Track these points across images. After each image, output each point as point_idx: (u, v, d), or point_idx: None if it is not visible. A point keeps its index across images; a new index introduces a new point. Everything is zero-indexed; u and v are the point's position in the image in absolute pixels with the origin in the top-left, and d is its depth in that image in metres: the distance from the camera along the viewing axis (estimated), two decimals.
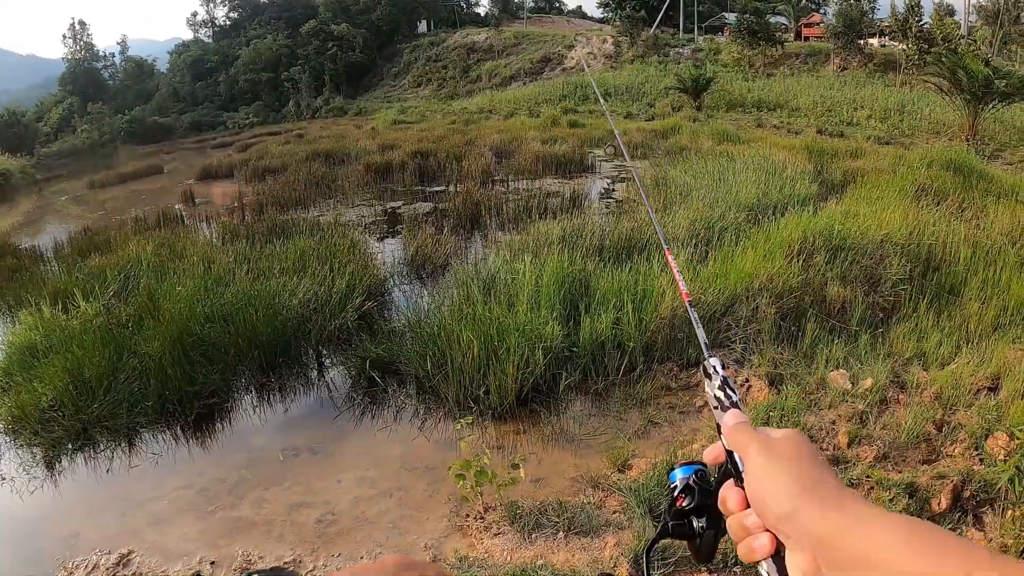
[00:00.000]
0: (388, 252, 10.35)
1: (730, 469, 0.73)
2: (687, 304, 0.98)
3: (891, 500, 3.69)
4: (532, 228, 9.54)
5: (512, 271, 6.97)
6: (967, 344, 6.09)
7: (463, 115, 36.84)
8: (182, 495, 4.90)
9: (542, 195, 13.56)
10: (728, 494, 0.71)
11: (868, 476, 3.92)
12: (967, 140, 19.85)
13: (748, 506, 0.68)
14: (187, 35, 79.07)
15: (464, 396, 5.43)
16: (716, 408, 0.80)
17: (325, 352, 7.00)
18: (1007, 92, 19.46)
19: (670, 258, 1.13)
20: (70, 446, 5.49)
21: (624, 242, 8.63)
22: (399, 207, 14.93)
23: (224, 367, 6.26)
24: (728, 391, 0.80)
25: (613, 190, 15.91)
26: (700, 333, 0.92)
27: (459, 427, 4.27)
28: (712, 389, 0.81)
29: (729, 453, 0.73)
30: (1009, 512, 3.76)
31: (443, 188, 16.48)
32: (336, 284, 7.54)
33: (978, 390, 5.26)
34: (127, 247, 10.23)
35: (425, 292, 8.48)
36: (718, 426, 0.77)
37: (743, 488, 0.69)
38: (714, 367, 0.83)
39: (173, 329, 6.30)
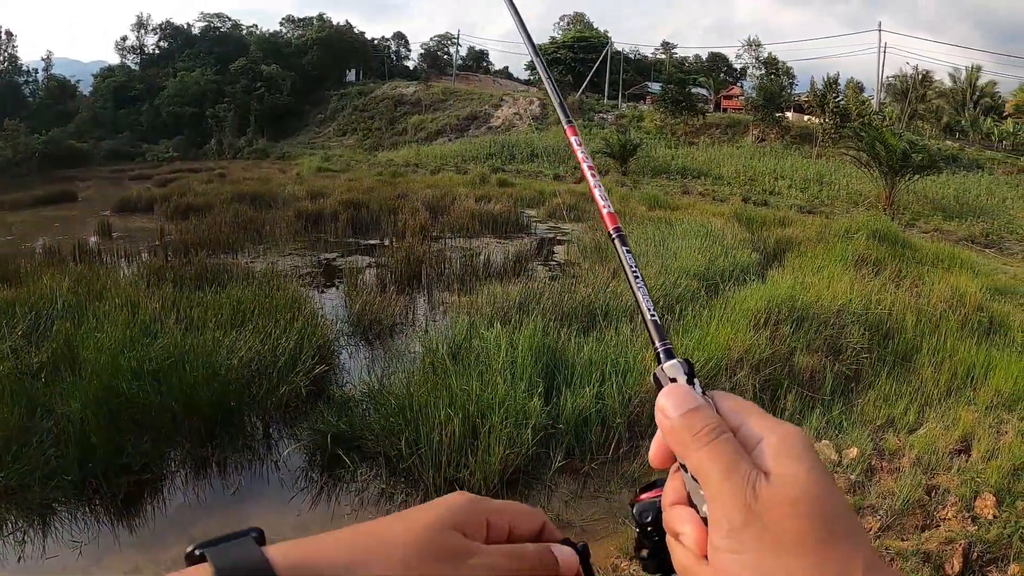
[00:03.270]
0: (330, 309, 10.03)
1: (683, 489, 0.51)
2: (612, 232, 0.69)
3: (913, 571, 3.85)
4: (484, 289, 9.56)
5: (482, 339, 6.89)
6: (928, 408, 6.53)
7: (389, 167, 37.31)
8: None
9: (483, 254, 13.73)
10: (680, 523, 0.49)
11: (887, 548, 4.07)
12: (884, 210, 21.81)
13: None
14: (114, 59, 77.27)
15: (443, 479, 5.23)
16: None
17: (273, 422, 6.58)
18: (922, 165, 21.67)
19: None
20: None
21: (585, 308, 8.76)
22: (334, 259, 14.77)
23: (157, 435, 5.70)
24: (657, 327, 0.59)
25: (554, 251, 16.25)
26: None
27: None
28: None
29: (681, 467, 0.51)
30: (1011, 567, 4.04)
31: (378, 241, 16.57)
32: (282, 343, 7.16)
33: (951, 452, 5.62)
34: (39, 281, 9.45)
35: (378, 357, 8.23)
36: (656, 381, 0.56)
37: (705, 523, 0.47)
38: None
39: (96, 386, 5.73)
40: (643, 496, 0.58)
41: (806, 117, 40.87)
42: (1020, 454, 5.27)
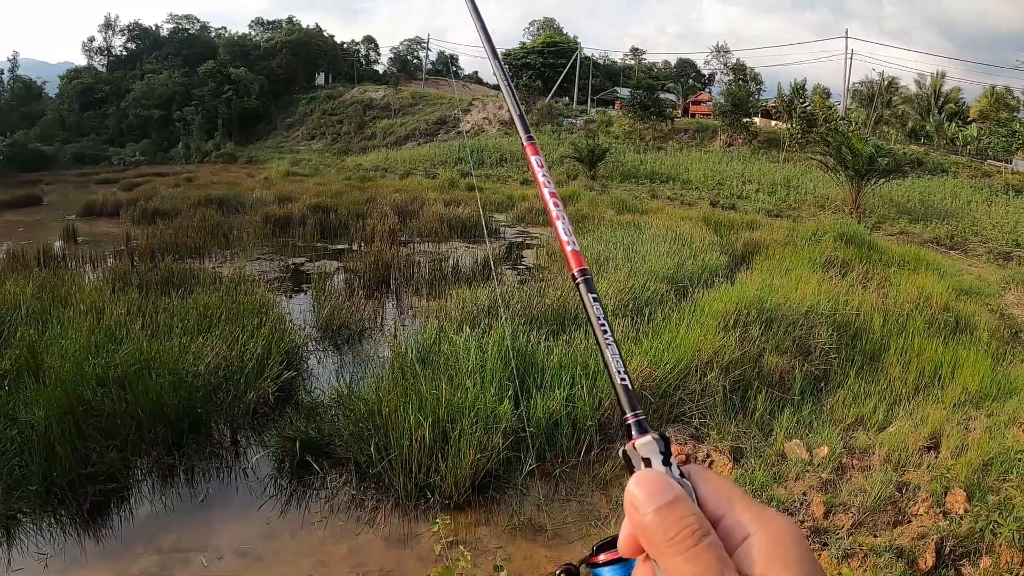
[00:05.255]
0: (298, 314, 9.93)
1: None
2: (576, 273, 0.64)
3: (886, 567, 3.87)
4: (453, 294, 9.53)
5: (452, 343, 6.84)
6: (897, 407, 6.64)
7: (358, 171, 37.25)
8: None
9: (452, 259, 13.73)
10: None
11: (860, 545, 4.10)
12: (851, 213, 22.29)
13: None
14: (81, 60, 75.74)
15: (414, 484, 5.16)
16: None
17: (241, 429, 6.45)
18: (888, 169, 22.25)
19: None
20: None
21: (554, 312, 8.75)
22: (302, 264, 14.69)
23: (123, 444, 5.58)
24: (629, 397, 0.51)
25: (522, 256, 16.28)
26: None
27: (435, 527, 4.01)
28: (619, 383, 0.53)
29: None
30: (983, 560, 4.12)
31: (347, 246, 16.52)
32: (249, 349, 7.05)
33: (920, 449, 5.72)
34: (2, 286, 9.23)
35: (347, 362, 8.14)
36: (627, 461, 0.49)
37: None
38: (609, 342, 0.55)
39: (60, 393, 5.59)
40: (600, 557, 0.52)
41: (773, 122, 41.68)
42: (989, 450, 5.37)
